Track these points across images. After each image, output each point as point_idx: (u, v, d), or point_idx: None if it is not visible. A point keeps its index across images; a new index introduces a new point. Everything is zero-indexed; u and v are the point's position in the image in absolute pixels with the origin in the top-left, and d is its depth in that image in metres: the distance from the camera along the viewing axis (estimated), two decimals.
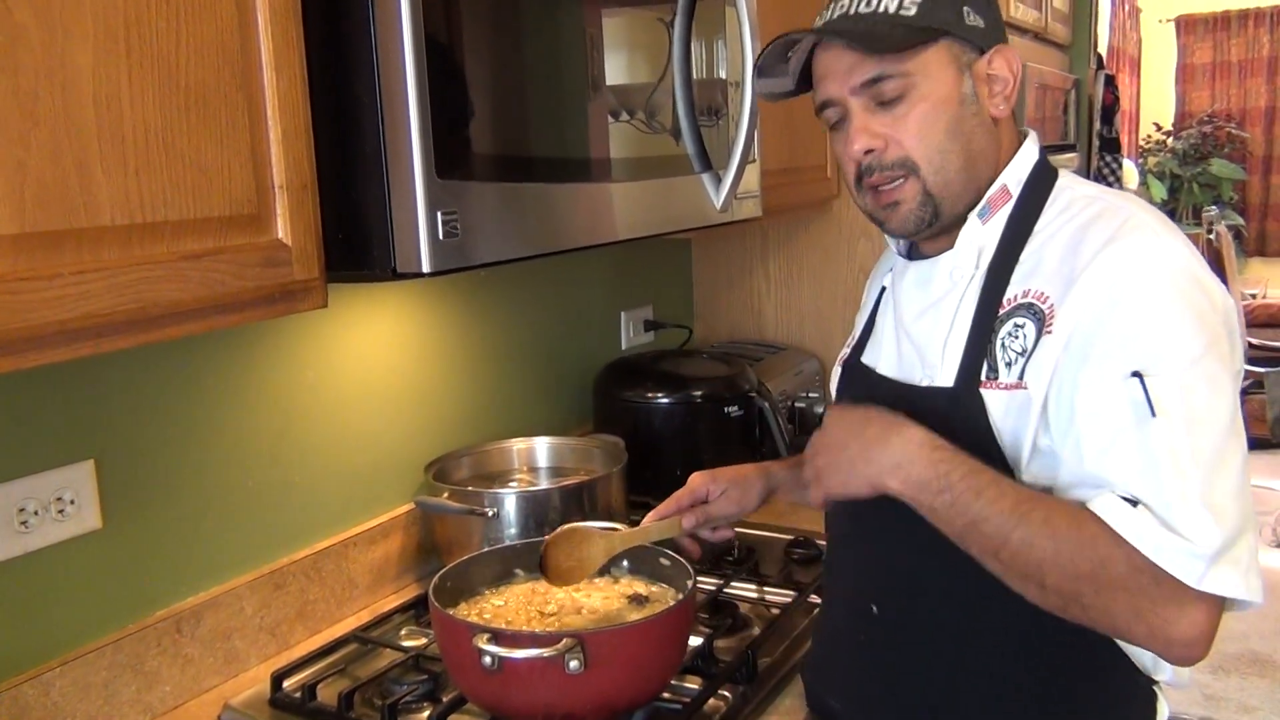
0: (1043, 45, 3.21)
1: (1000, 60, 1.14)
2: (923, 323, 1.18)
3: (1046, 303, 1.07)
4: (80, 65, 0.86)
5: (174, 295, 0.95)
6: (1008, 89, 1.14)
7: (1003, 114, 1.15)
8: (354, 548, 1.64)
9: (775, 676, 1.39)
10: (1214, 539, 0.95)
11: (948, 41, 1.11)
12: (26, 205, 0.83)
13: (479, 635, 1.14)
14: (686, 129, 1.52)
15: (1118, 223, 1.06)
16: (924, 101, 1.11)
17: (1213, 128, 8.15)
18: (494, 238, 1.18)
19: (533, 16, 1.27)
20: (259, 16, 1.02)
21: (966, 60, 1.13)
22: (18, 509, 1.22)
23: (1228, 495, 0.97)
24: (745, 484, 1.42)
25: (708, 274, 2.62)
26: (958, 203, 1.14)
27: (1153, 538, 0.96)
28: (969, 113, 1.13)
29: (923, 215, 1.14)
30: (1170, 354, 0.99)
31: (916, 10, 1.10)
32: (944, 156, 1.12)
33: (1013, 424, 1.08)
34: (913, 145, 1.12)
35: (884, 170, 1.13)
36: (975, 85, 1.13)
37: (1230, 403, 1.00)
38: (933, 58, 1.11)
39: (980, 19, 1.13)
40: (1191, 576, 0.95)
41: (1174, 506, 0.96)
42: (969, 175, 1.14)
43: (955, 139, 1.12)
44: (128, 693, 1.32)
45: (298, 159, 1.06)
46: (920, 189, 1.13)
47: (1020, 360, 1.07)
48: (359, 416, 1.67)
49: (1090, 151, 3.78)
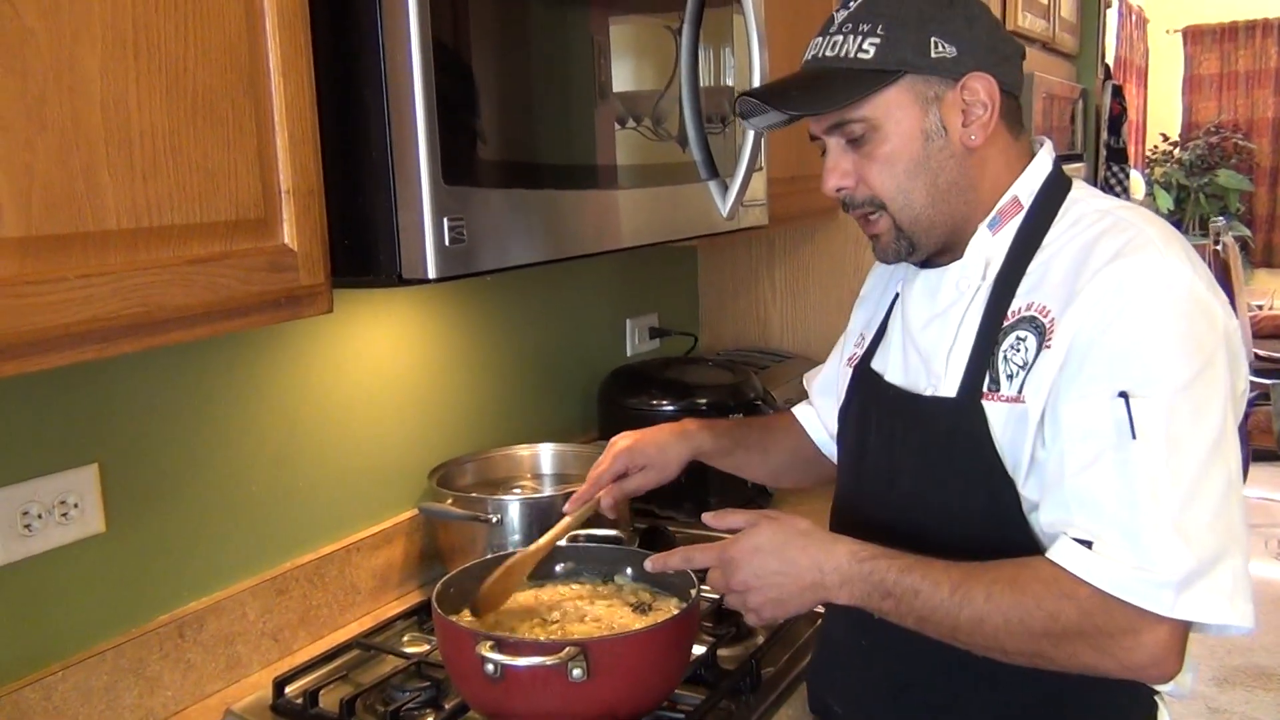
0: (1050, 55, 3.21)
1: (976, 85, 1.11)
2: (929, 332, 1.18)
3: (1048, 316, 1.06)
4: (88, 69, 0.86)
5: (179, 300, 0.95)
6: (985, 115, 1.12)
7: (976, 144, 1.13)
8: (357, 553, 1.64)
9: (779, 686, 1.38)
10: (1181, 566, 0.96)
11: (909, 79, 1.11)
12: (33, 209, 0.83)
13: (481, 642, 1.14)
14: (693, 136, 1.52)
15: (1123, 240, 1.05)
16: (885, 142, 1.12)
17: (1220, 138, 8.14)
18: (500, 244, 1.18)
19: (540, 23, 1.28)
20: (267, 23, 1.02)
21: (933, 94, 1.11)
22: (21, 512, 1.22)
23: (1202, 522, 0.97)
24: (662, 456, 1.43)
25: (714, 281, 2.62)
26: (932, 233, 1.16)
27: (1117, 577, 0.97)
28: (935, 148, 1.12)
29: (899, 248, 1.17)
30: (1159, 377, 0.99)
31: (874, 52, 1.10)
32: (907, 195, 1.14)
33: (1011, 436, 1.08)
34: (877, 185, 1.14)
35: (856, 207, 1.17)
36: (944, 117, 1.12)
37: (1217, 428, 1.00)
38: (892, 98, 1.11)
39: (952, 47, 1.10)
40: (1163, 606, 0.96)
41: (1145, 532, 0.97)
42: (939, 209, 1.14)
43: (918, 176, 1.13)
44: (129, 697, 1.32)
45: (304, 164, 1.06)
46: (891, 224, 1.16)
47: (1021, 374, 1.07)
48: (363, 422, 1.67)
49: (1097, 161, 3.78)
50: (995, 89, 1.12)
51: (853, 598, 1.07)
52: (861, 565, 1.07)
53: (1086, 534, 1.00)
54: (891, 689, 1.21)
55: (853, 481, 1.29)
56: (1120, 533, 0.98)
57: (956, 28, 1.11)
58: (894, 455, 1.20)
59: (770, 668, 1.41)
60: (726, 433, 1.51)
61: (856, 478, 1.28)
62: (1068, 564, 1.00)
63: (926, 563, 1.05)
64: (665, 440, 1.44)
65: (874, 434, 1.24)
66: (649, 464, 1.42)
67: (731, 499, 1.99)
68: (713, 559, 1.15)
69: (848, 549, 1.08)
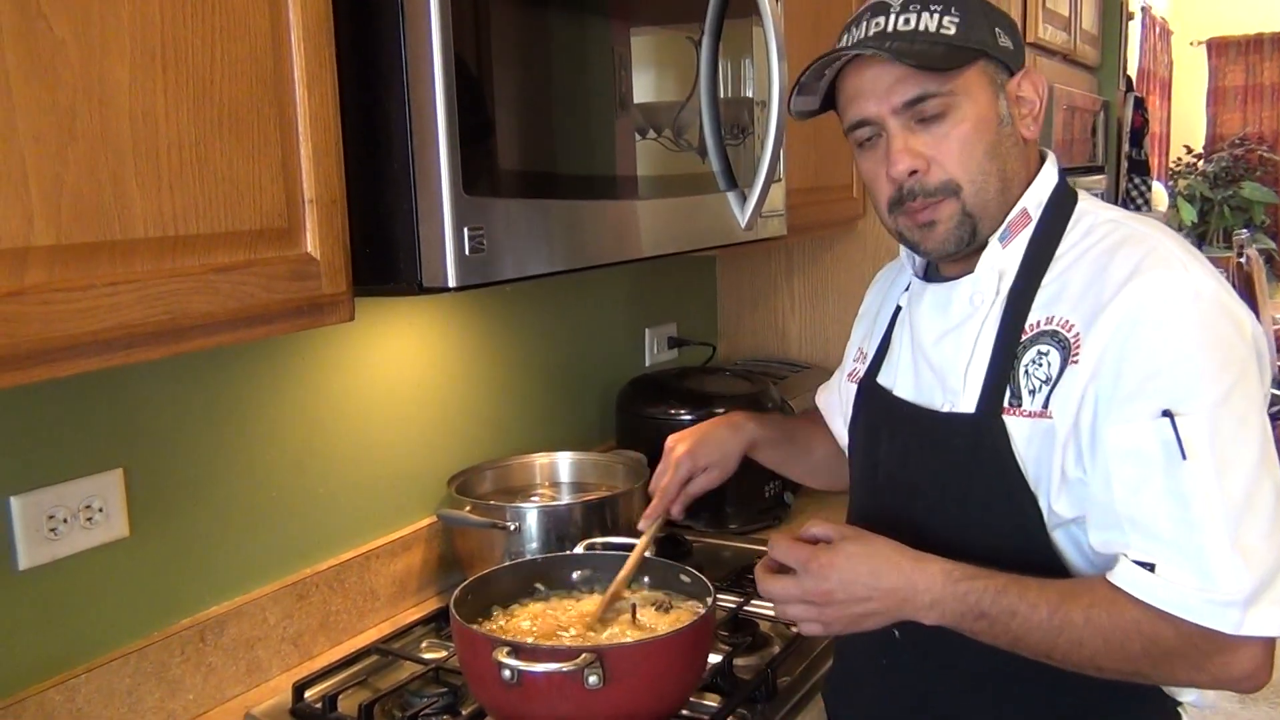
0: (1071, 67, 3.20)
1: (1029, 82, 1.14)
2: (943, 347, 1.17)
3: (1072, 331, 1.06)
4: (117, 81, 0.88)
5: (204, 307, 0.96)
6: (1035, 110, 1.14)
7: (1033, 135, 1.15)
8: (376, 560, 1.65)
9: (795, 696, 1.39)
10: (1246, 584, 0.96)
11: (984, 62, 1.11)
12: (62, 218, 0.85)
13: (499, 649, 1.14)
14: (712, 147, 1.53)
15: (1143, 252, 1.05)
16: (965, 122, 1.10)
17: (1244, 151, 8.09)
18: (520, 254, 1.19)
19: (561, 35, 1.29)
20: (292, 35, 1.03)
21: (1000, 81, 1.13)
22: (47, 516, 1.23)
23: (1260, 535, 0.97)
24: (725, 451, 1.42)
25: (732, 292, 2.62)
26: (993, 223, 1.14)
27: (1183, 600, 0.97)
28: (1005, 133, 1.12)
29: (961, 235, 1.13)
30: (1200, 392, 0.99)
31: (955, 30, 1.09)
32: (985, 177, 1.11)
33: (1036, 452, 1.07)
34: (955, 166, 1.10)
35: (925, 194, 1.11)
36: (1009, 106, 1.13)
37: (1260, 436, 1.00)
38: (973, 77, 1.10)
39: (1010, 41, 1.13)
40: (1229, 625, 0.96)
41: (1205, 553, 0.96)
42: (1004, 197, 1.13)
43: (994, 159, 1.11)
44: (151, 700, 1.33)
45: (328, 174, 1.08)
46: (959, 209, 1.11)
47: (1044, 388, 1.06)
48: (383, 429, 1.69)
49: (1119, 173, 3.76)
50: (1045, 85, 1.14)
51: (942, 618, 1.05)
52: (956, 586, 1.04)
53: (1147, 555, 0.99)
54: (909, 707, 1.20)
55: (868, 498, 1.28)
56: (1181, 555, 0.98)
57: (1009, 23, 1.14)
58: (910, 471, 1.19)
59: (786, 677, 1.41)
60: (775, 424, 1.51)
61: (872, 494, 1.27)
62: (1131, 589, 0.99)
63: (1021, 583, 1.03)
64: (722, 436, 1.43)
65: (885, 450, 1.23)
66: (710, 464, 1.42)
67: (749, 508, 2.00)
68: (797, 561, 1.08)
69: (941, 568, 1.05)
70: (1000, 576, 1.04)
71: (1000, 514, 1.11)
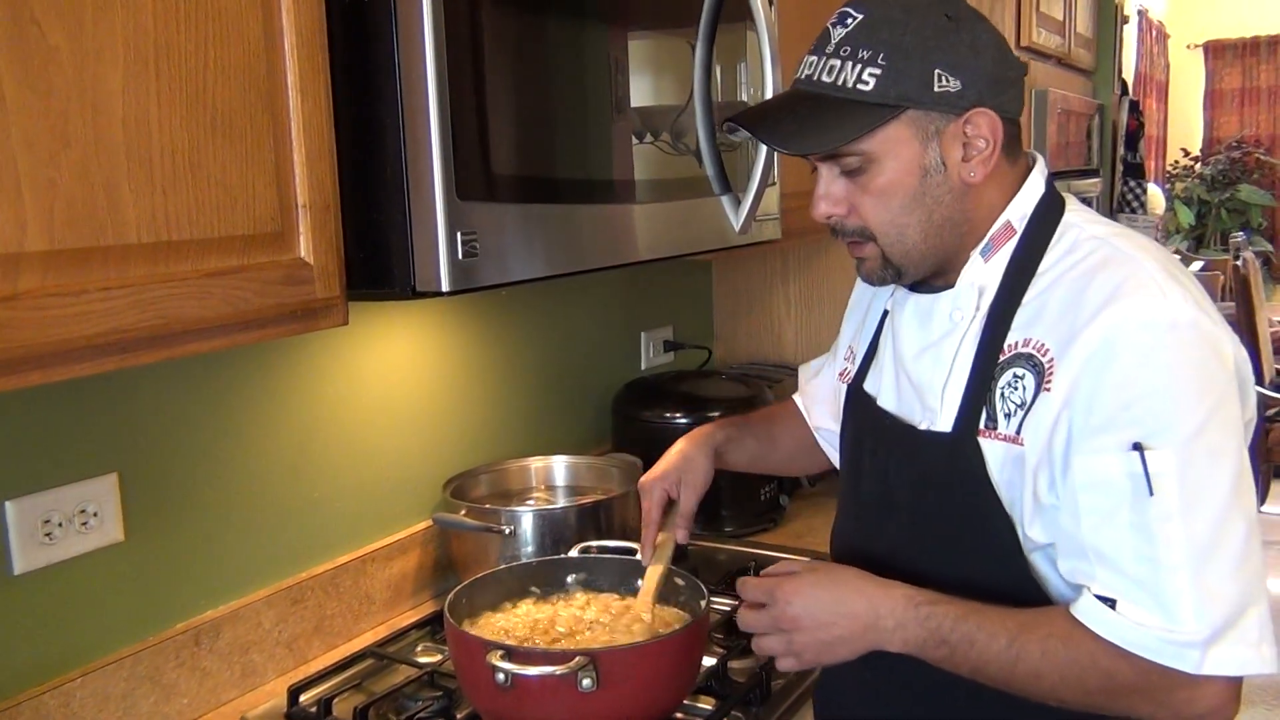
0: (1065, 71, 3.20)
1: (980, 121, 1.07)
2: (922, 363, 1.16)
3: (1047, 356, 1.04)
4: (111, 87, 0.88)
5: (197, 312, 0.97)
6: (986, 152, 1.08)
7: (976, 180, 1.09)
8: (372, 563, 1.65)
9: (789, 698, 1.39)
10: (1207, 625, 0.95)
11: (912, 112, 1.06)
12: (56, 223, 0.85)
13: (493, 652, 1.15)
14: (706, 151, 1.53)
15: (1122, 276, 1.02)
16: (881, 176, 1.08)
17: (1241, 153, 8.11)
18: (513, 258, 1.20)
19: (556, 40, 1.29)
20: (286, 42, 1.04)
21: (934, 128, 1.07)
22: (42, 520, 1.23)
23: (1225, 575, 0.97)
24: (692, 465, 1.42)
25: (728, 295, 2.62)
26: (922, 264, 1.13)
27: (1142, 638, 0.97)
28: (933, 183, 1.08)
29: (885, 275, 1.14)
30: (1171, 425, 0.97)
31: (874, 84, 1.04)
32: (900, 229, 1.10)
33: (1009, 476, 1.07)
34: (870, 217, 1.10)
35: (846, 235, 1.13)
36: (944, 152, 1.08)
37: (1233, 470, 0.98)
38: (892, 133, 1.06)
39: (956, 81, 1.05)
40: (1189, 664, 0.96)
41: (1167, 592, 0.96)
42: (931, 243, 1.11)
43: (913, 211, 1.09)
44: (146, 704, 1.33)
45: (321, 179, 1.08)
46: (879, 253, 1.12)
47: (1019, 413, 1.05)
48: (378, 433, 1.69)
49: (1114, 177, 3.77)
50: (998, 125, 1.07)
51: (907, 644, 1.06)
52: (918, 610, 1.05)
53: (1109, 591, 0.99)
54: (897, 710, 1.20)
55: (851, 510, 1.29)
56: (1143, 592, 0.97)
57: (961, 57, 1.05)
58: (889, 486, 1.19)
59: (780, 680, 1.41)
60: (734, 424, 1.51)
61: (855, 506, 1.27)
62: (1091, 623, 0.99)
63: (982, 611, 1.03)
64: (684, 450, 1.43)
65: (868, 460, 1.23)
66: (683, 480, 1.41)
67: (745, 510, 2.00)
68: (764, 593, 1.12)
69: (903, 592, 1.06)
70: (962, 604, 1.04)
71: (977, 535, 1.10)
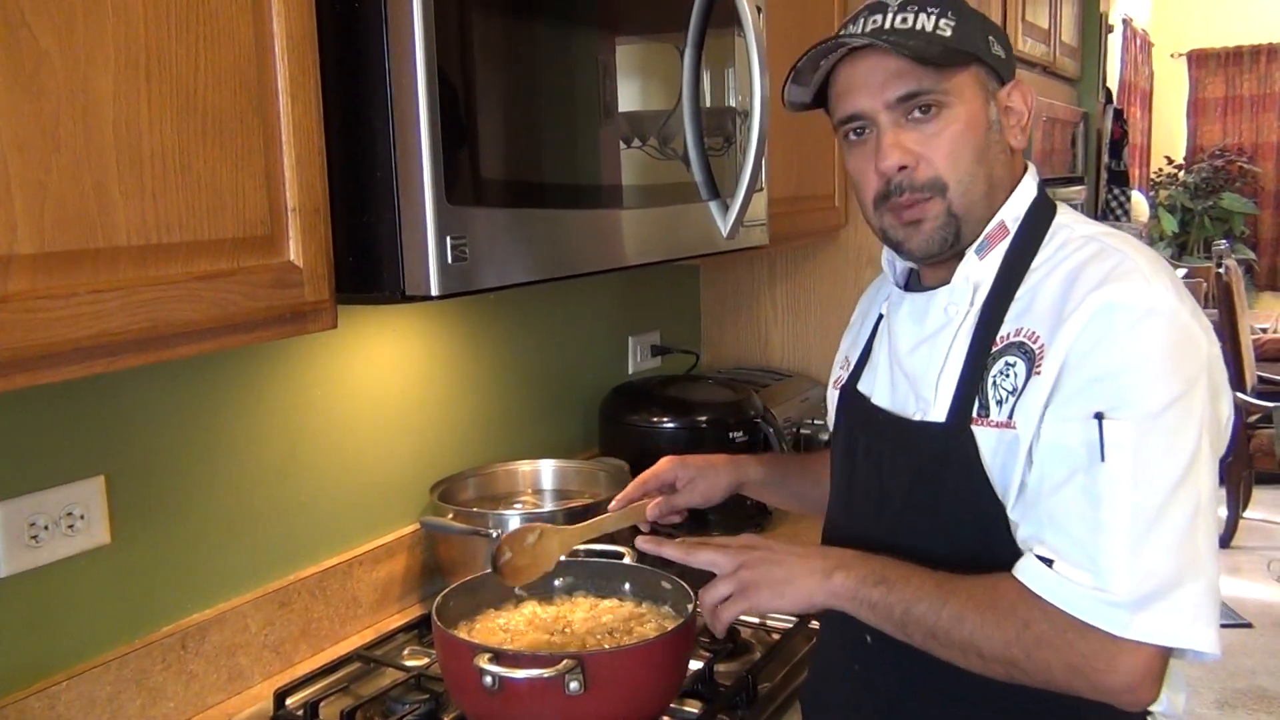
0: (1050, 79, 3.23)
1: (1018, 93, 1.16)
2: (917, 356, 1.18)
3: (1037, 343, 1.07)
4: (101, 90, 0.89)
5: (187, 315, 0.97)
6: (1023, 121, 1.16)
7: (1019, 145, 1.16)
8: (359, 567, 1.65)
9: (775, 702, 1.40)
10: (1136, 588, 0.97)
11: (976, 67, 1.13)
12: (46, 226, 0.85)
13: (480, 655, 1.15)
14: (695, 157, 1.54)
15: (1110, 265, 1.06)
16: (957, 122, 1.11)
17: (1224, 162, 8.16)
18: (502, 262, 1.20)
19: (545, 45, 1.30)
20: (276, 44, 1.04)
21: (991, 88, 1.14)
22: (29, 523, 1.23)
23: (1164, 548, 0.98)
24: (714, 475, 1.44)
25: (715, 300, 2.63)
26: (977, 227, 1.15)
27: (1071, 595, 0.99)
28: (993, 139, 1.14)
29: (945, 236, 1.14)
30: (1134, 400, 1.00)
31: (952, 32, 1.10)
32: (971, 179, 1.13)
33: (1001, 462, 1.09)
34: (943, 165, 1.11)
35: (914, 190, 1.12)
36: (998, 113, 1.15)
37: (1189, 454, 1.00)
38: (966, 80, 1.12)
39: (1002, 50, 1.15)
40: (1116, 626, 0.98)
41: (1103, 554, 0.99)
42: (989, 201, 1.15)
43: (981, 163, 1.13)
44: (132, 708, 1.33)
45: (311, 183, 1.08)
46: (945, 209, 1.12)
47: (1010, 399, 1.08)
48: (366, 437, 1.69)
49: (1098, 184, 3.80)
50: (1034, 98, 1.17)
51: (847, 580, 1.10)
52: (862, 553, 1.13)
53: (1050, 551, 1.02)
54: (883, 713, 1.21)
55: (843, 503, 1.30)
56: (1081, 552, 1.00)
57: (1002, 35, 1.16)
58: (883, 478, 1.21)
59: (767, 683, 1.42)
60: (773, 464, 1.53)
61: (847, 499, 1.28)
62: (1026, 579, 1.02)
63: (917, 565, 1.10)
64: (716, 461, 1.46)
65: (862, 456, 1.25)
66: (698, 478, 1.43)
67: (732, 514, 2.00)
68: (711, 553, 1.18)
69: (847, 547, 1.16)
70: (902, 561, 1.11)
71: (969, 523, 1.12)
